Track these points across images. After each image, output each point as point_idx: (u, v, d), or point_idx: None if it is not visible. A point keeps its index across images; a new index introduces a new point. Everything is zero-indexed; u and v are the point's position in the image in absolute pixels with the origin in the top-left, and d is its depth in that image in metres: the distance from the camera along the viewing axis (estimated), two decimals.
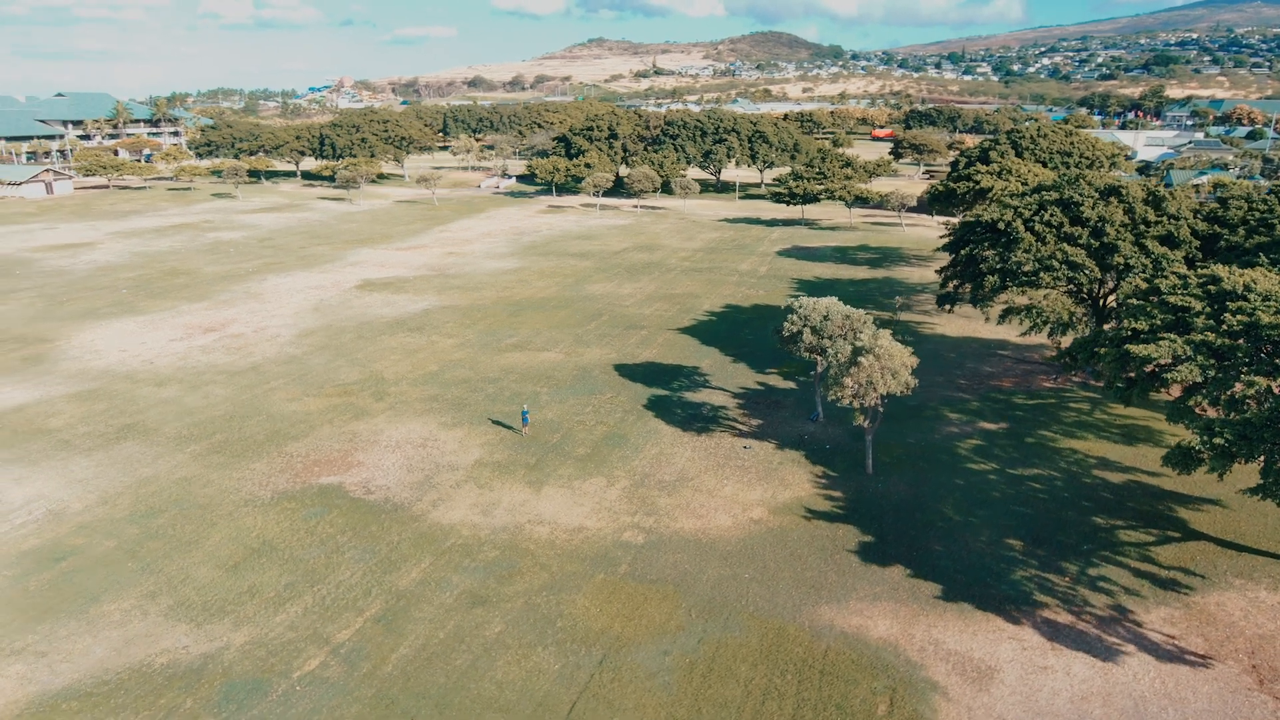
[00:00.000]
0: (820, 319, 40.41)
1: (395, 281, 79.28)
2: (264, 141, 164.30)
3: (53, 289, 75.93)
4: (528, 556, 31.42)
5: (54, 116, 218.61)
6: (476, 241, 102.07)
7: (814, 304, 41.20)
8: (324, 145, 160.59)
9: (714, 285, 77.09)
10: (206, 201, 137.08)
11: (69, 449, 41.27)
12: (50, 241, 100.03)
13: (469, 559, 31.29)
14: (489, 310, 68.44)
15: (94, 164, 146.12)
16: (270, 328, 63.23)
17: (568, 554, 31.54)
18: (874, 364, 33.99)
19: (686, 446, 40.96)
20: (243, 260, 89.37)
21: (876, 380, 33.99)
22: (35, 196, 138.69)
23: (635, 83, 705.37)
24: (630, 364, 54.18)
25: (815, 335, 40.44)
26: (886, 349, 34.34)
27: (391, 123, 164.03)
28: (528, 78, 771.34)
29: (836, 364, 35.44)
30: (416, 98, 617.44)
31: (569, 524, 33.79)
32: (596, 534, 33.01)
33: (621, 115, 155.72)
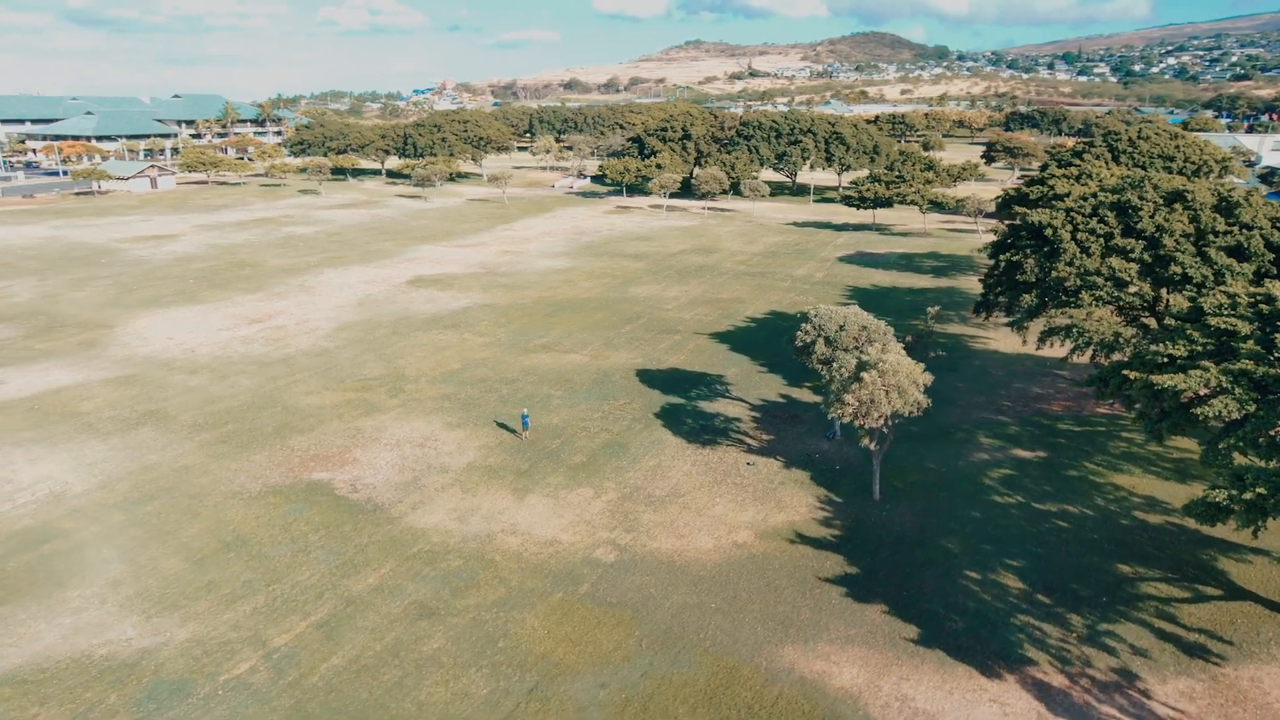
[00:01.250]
0: (835, 329, 37.55)
1: (444, 278, 79.83)
2: (352, 140, 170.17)
3: (128, 277, 79.97)
4: (490, 568, 30.09)
5: (170, 116, 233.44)
6: (535, 240, 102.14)
7: (831, 313, 38.35)
8: (407, 144, 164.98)
9: (763, 290, 74.22)
10: (292, 197, 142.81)
11: (90, 432, 42.63)
12: (140, 233, 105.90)
13: (430, 567, 30.21)
14: (527, 309, 67.81)
15: (195, 160, 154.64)
16: (312, 320, 64.44)
17: (532, 568, 30.03)
18: (877, 380, 31.06)
19: (687, 459, 38.82)
20: (307, 254, 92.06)
21: (880, 398, 31.05)
22: (140, 191, 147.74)
23: (729, 85, 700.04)
24: (654, 369, 52.30)
25: (829, 346, 37.60)
26: (892, 364, 31.35)
27: (471, 123, 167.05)
28: (622, 80, 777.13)
29: (839, 379, 32.66)
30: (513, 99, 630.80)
31: (543, 536, 32.29)
32: (568, 549, 31.38)
33: (697, 115, 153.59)
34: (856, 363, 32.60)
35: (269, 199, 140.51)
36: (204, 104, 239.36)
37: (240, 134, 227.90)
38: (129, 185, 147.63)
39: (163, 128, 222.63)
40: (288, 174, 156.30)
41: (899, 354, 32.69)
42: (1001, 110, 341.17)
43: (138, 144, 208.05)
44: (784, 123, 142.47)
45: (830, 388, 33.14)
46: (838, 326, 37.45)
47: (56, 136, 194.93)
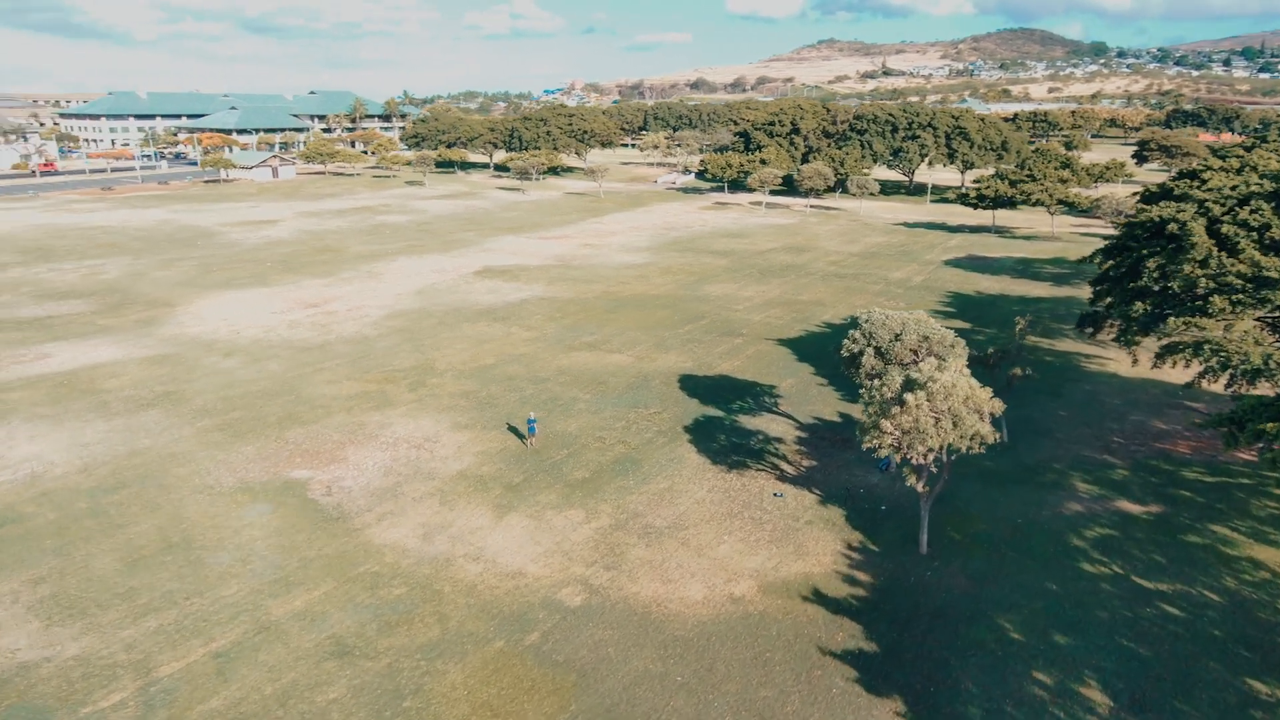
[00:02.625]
0: (889, 338, 30.72)
1: (514, 269, 76.76)
2: (462, 134, 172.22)
3: (214, 259, 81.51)
4: (434, 601, 25.54)
5: (305, 111, 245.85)
6: (621, 234, 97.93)
7: (885, 318, 31.53)
8: (513, 138, 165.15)
9: (849, 294, 66.66)
10: (398, 188, 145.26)
11: (100, 412, 41.40)
12: (244, 218, 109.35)
13: (370, 593, 26.00)
14: (587, 304, 63.42)
15: (313, 152, 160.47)
16: (365, 307, 62.55)
17: (481, 606, 25.26)
18: (923, 405, 24.33)
19: (705, 484, 33.01)
20: (389, 242, 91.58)
21: (927, 428, 24.31)
22: (261, 180, 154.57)
23: (860, 84, 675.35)
24: (702, 375, 46.56)
25: (880, 358, 30.83)
26: (945, 385, 24.50)
27: (576, 116, 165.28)
28: (749, 79, 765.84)
29: (878, 400, 26.05)
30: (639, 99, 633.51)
31: (507, 566, 27.47)
32: (531, 584, 26.41)
33: (807, 109, 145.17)
34: (902, 380, 25.90)
35: (375, 189, 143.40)
36: (336, 100, 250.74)
37: (367, 129, 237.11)
38: (252, 174, 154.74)
39: (297, 122, 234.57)
40: (398, 166, 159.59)
41: (960, 373, 25.71)
42: (1162, 108, 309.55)
43: (273, 137, 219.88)
44: (901, 116, 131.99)
45: (867, 410, 26.56)
46: (892, 335, 30.63)
47: (201, 129, 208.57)
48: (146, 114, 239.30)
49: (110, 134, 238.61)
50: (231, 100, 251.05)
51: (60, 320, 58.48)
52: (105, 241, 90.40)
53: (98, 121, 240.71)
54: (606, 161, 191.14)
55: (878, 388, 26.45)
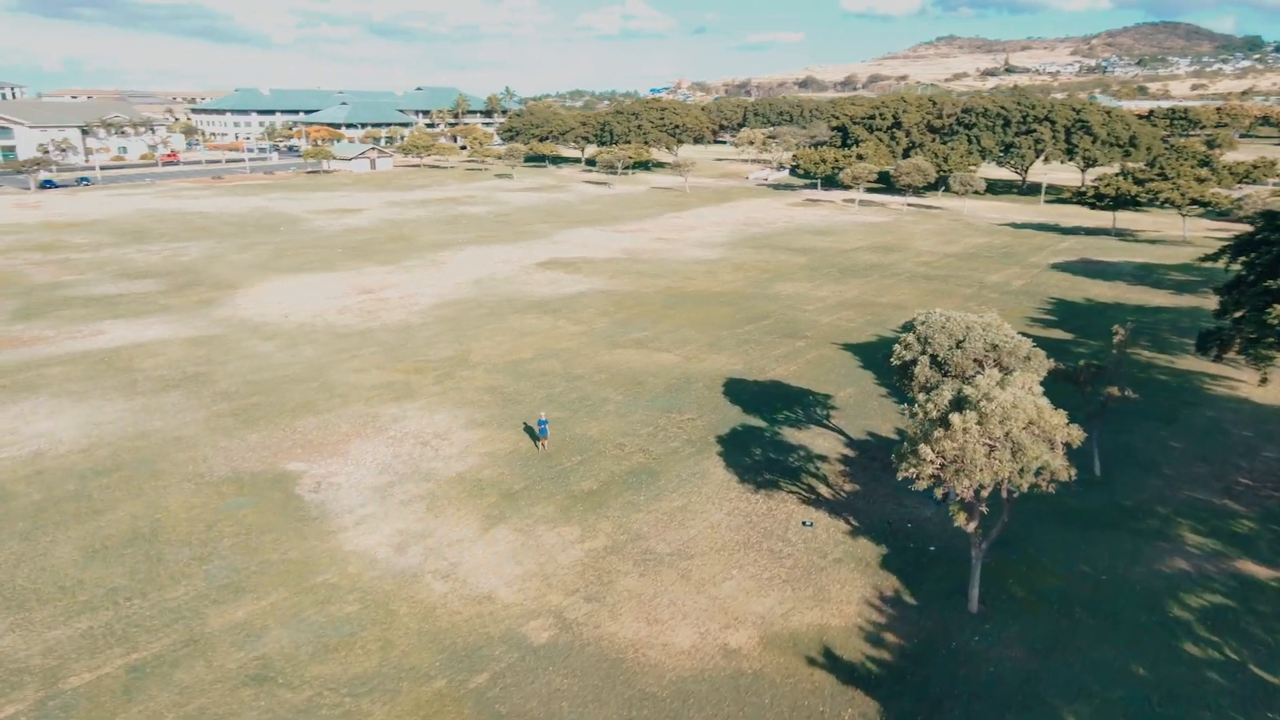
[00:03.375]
0: (949, 345, 25.53)
1: (579, 261, 73.86)
2: (554, 128, 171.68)
3: (291, 245, 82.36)
4: (384, 624, 22.39)
5: (411, 107, 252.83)
6: (699, 229, 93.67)
7: (945, 320, 26.31)
8: (603, 131, 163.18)
9: (936, 297, 60.23)
10: (486, 181, 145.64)
11: (126, 390, 40.72)
12: (332, 206, 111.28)
13: (317, 608, 23.11)
14: (645, 299, 59.68)
15: (410, 145, 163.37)
16: (418, 295, 60.91)
17: (432, 636, 21.92)
18: (972, 429, 19.31)
19: (725, 505, 28.66)
20: (463, 232, 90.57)
21: (975, 457, 19.30)
22: (359, 171, 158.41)
23: (980, 81, 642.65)
24: (751, 380, 42.02)
25: (937, 369, 25.68)
26: (1003, 405, 19.38)
27: (669, 111, 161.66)
28: (861, 77, 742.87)
29: (921, 421, 21.13)
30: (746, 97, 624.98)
31: (478, 588, 24.05)
32: (497, 613, 22.89)
33: (911, 102, 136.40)
34: (953, 396, 20.89)
35: (464, 181, 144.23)
36: (441, 96, 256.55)
37: (469, 124, 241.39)
38: (351, 165, 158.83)
39: (403, 117, 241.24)
40: (490, 159, 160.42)
41: (1028, 390, 20.48)
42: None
43: (379, 131, 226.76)
44: (1014, 109, 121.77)
45: (907, 431, 21.66)
46: (953, 341, 25.43)
47: (313, 123, 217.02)
48: (268, 109, 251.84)
49: (234, 128, 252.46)
50: (344, 96, 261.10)
51: (127, 299, 59.44)
52: (197, 225, 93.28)
53: (223, 116, 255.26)
54: (701, 158, 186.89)
55: (922, 404, 21.50)
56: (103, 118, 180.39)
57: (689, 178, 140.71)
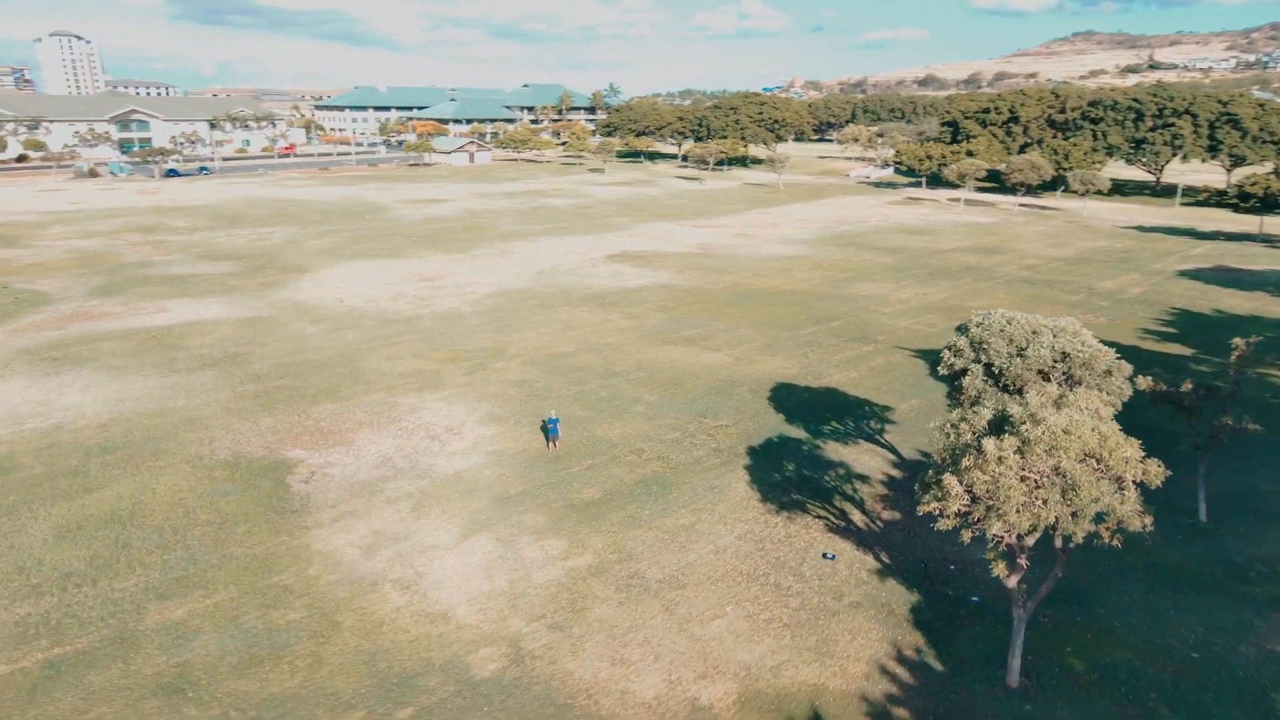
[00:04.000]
0: (1009, 352, 20.97)
1: (649, 255, 70.88)
2: (651, 123, 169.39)
3: (368, 232, 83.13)
4: (321, 637, 20.05)
5: (516, 103, 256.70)
6: (783, 226, 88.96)
7: (1008, 324, 21.70)
8: (700, 126, 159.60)
9: (1035, 303, 53.83)
10: (578, 175, 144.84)
11: (164, 368, 40.62)
12: (419, 196, 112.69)
13: (259, 613, 21.03)
14: (709, 295, 56.08)
15: (508, 139, 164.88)
16: (475, 284, 59.47)
17: (369, 656, 19.39)
18: (1009, 459, 15.07)
19: (738, 527, 24.98)
20: (540, 223, 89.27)
21: (1010, 493, 15.05)
22: (458, 164, 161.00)
23: (1119, 79, 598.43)
24: (803, 385, 37.90)
25: (992, 381, 21.17)
26: (1053, 430, 15.03)
27: (769, 105, 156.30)
28: (986, 75, 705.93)
29: (952, 445, 16.95)
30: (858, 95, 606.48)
31: (436, 604, 21.40)
32: (448, 635, 20.16)
33: (1031, 95, 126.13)
34: (993, 415, 16.60)
35: (556, 175, 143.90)
36: (546, 93, 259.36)
37: (572, 120, 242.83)
38: (450, 159, 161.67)
39: (508, 113, 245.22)
40: (586, 154, 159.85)
41: (1093, 412, 16.00)
42: None
43: (484, 126, 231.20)
44: (1149, 101, 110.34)
45: (933, 457, 17.50)
46: (1014, 348, 20.85)
47: (420, 119, 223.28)
48: (384, 105, 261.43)
49: (352, 123, 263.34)
50: (454, 93, 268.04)
51: (199, 279, 60.69)
52: (289, 212, 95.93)
53: (342, 113, 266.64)
54: (802, 155, 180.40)
55: (955, 422, 17.29)
56: (229, 112, 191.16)
57: (783, 174, 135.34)
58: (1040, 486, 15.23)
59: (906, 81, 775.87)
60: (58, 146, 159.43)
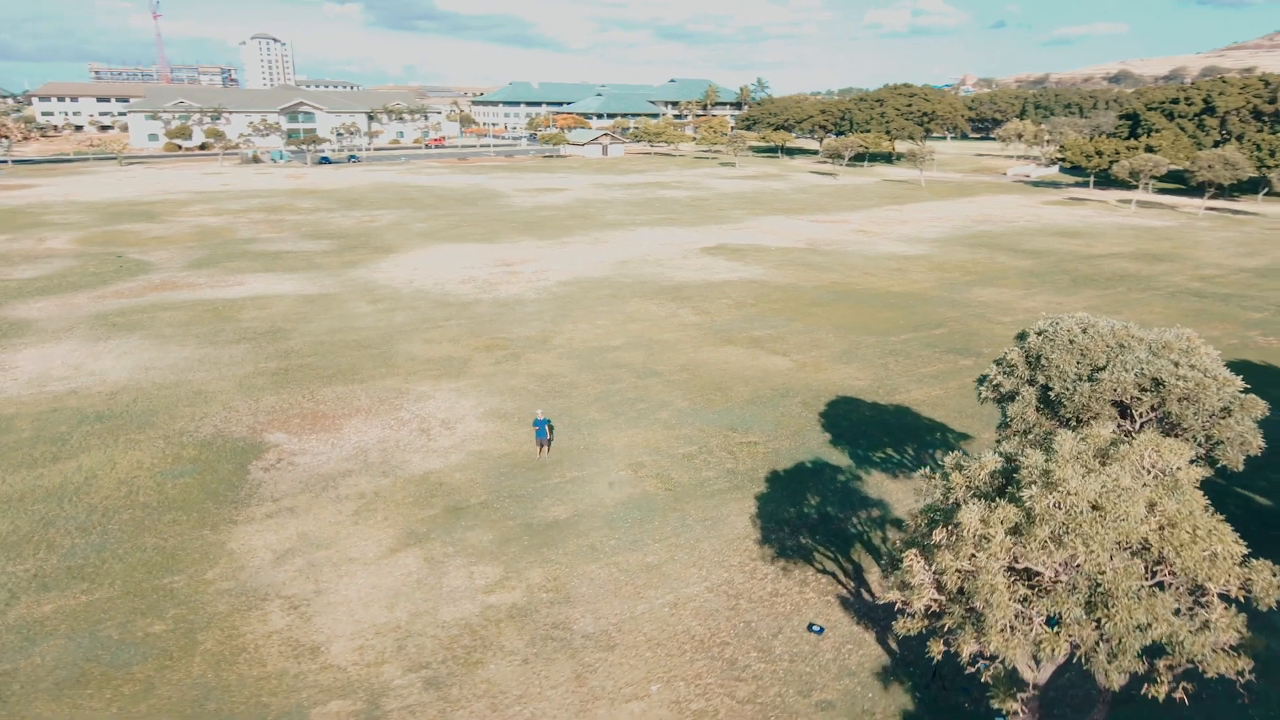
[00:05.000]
0: (1077, 373, 14.61)
1: (748, 249, 65.25)
2: (791, 116, 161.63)
3: (472, 217, 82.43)
4: (168, 659, 16.90)
5: (661, 99, 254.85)
6: (913, 224, 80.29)
7: (1082, 333, 15.24)
8: (843, 120, 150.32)
9: (1200, 320, 43.88)
10: (707, 168, 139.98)
11: (205, 339, 40.00)
12: (540, 186, 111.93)
13: (122, 621, 18.22)
14: (797, 293, 50.03)
15: (642, 132, 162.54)
16: (550, 271, 56.38)
17: (203, 692, 16.00)
18: (994, 537, 9.32)
19: (716, 574, 19.76)
20: (648, 214, 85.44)
21: (993, 595, 9.28)
22: (590, 156, 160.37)
23: None
24: (869, 401, 31.67)
25: (1048, 411, 14.87)
26: (1074, 501, 9.13)
27: (918, 98, 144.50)
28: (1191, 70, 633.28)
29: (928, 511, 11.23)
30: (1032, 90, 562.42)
31: (317, 634, 17.78)
32: (304, 679, 16.46)
33: (1233, 83, 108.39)
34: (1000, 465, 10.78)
35: (684, 168, 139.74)
36: (691, 88, 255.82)
37: (717, 115, 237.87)
38: (583, 151, 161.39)
39: (652, 108, 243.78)
40: (717, 147, 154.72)
41: (1164, 477, 9.90)
42: None
43: (627, 121, 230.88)
44: None
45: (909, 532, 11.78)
46: (1085, 367, 14.47)
47: (564, 113, 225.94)
48: (535, 101, 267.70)
49: (504, 118, 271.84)
50: (602, 89, 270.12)
51: (290, 256, 61.39)
52: (410, 197, 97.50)
53: (496, 108, 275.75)
54: (958, 152, 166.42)
55: (949, 470, 11.53)
56: (385, 105, 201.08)
57: (928, 170, 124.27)
58: (1049, 592, 9.38)
59: (1095, 78, 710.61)
60: (234, 136, 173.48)
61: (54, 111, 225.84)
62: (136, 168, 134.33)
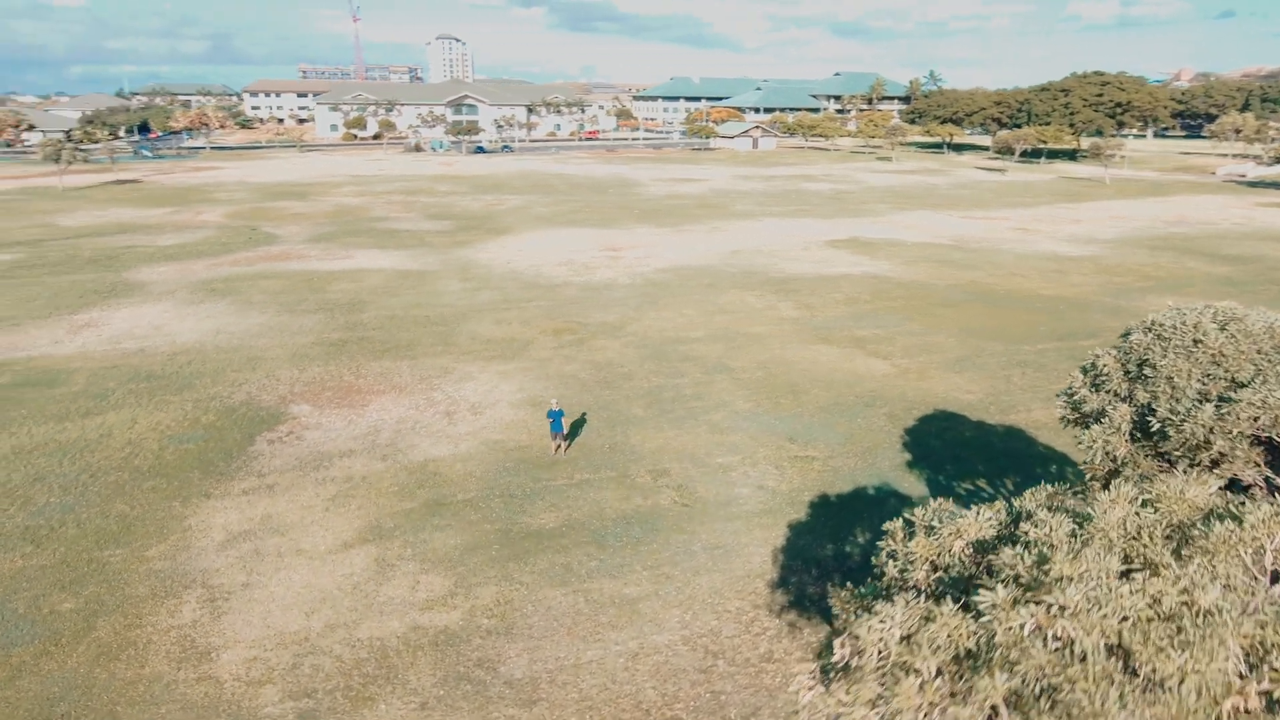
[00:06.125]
0: (1199, 389, 9.30)
1: (880, 243, 58.78)
2: (960, 109, 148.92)
3: (597, 203, 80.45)
4: (50, 649, 14.98)
5: (824, 93, 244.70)
6: (1086, 223, 69.94)
7: (1218, 324, 9.81)
8: (1019, 112, 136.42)
9: None
10: (860, 162, 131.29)
11: (284, 308, 39.83)
12: (678, 176, 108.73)
13: (39, 594, 16.61)
14: (924, 291, 43.72)
15: (796, 125, 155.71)
16: (654, 258, 52.94)
17: (59, 694, 13.86)
18: (907, 679, 4.88)
19: (697, 624, 15.52)
20: (781, 205, 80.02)
21: None
22: (739, 149, 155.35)
23: None
24: (976, 419, 25.86)
25: (1147, 445, 9.62)
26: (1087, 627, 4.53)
27: (1111, 86, 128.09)
28: None
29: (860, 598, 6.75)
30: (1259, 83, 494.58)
31: (215, 639, 15.31)
32: (171, 693, 13.95)
33: None
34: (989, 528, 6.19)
35: (837, 162, 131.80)
36: (857, 82, 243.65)
37: (883, 110, 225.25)
38: (733, 144, 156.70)
39: (813, 102, 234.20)
40: (875, 140, 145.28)
41: None
42: None
43: (785, 115, 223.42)
44: None
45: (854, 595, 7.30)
46: (1213, 385, 9.17)
47: (720, 107, 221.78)
48: (694, 96, 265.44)
49: (663, 112, 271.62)
50: (763, 84, 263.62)
51: (406, 234, 61.79)
52: (545, 184, 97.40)
53: (655, 102, 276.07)
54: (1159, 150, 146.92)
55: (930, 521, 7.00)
56: (544, 99, 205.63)
57: (1116, 167, 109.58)
58: None
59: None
60: (404, 127, 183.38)
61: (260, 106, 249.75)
62: (312, 154, 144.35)
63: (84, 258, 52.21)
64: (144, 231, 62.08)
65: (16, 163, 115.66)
